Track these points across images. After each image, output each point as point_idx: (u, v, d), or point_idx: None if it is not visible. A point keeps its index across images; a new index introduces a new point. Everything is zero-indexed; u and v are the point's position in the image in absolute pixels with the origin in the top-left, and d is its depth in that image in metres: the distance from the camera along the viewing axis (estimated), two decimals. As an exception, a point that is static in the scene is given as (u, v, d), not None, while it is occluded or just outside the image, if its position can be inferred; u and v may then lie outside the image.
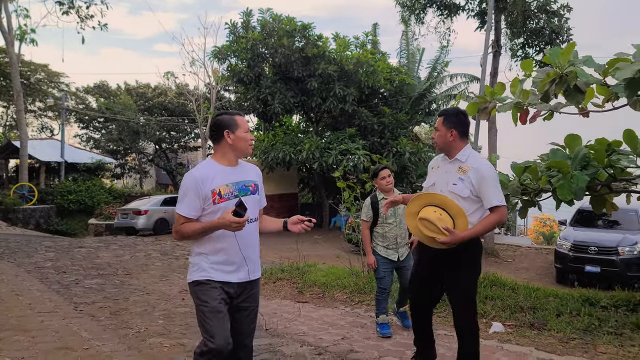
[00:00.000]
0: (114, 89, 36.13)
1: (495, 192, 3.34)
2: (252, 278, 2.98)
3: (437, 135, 3.54)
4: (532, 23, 15.39)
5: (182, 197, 2.84)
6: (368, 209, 5.16)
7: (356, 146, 17.28)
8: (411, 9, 15.05)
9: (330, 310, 6.27)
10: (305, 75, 18.38)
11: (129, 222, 18.84)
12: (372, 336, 5.07)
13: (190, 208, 2.82)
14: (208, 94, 29.86)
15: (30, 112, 33.76)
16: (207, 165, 2.94)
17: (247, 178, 2.99)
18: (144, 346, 4.80)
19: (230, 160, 2.95)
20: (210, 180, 2.83)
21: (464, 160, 3.46)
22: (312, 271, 8.05)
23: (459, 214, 3.28)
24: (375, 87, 19.17)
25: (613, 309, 5.51)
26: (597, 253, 11.52)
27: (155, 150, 36.64)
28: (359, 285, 6.93)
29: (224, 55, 19.11)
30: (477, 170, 3.38)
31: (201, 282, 2.83)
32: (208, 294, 2.81)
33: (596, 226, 13.02)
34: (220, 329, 2.76)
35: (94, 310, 6.27)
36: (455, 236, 3.22)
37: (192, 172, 2.89)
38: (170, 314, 6.17)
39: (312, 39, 18.42)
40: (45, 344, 4.70)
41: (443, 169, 3.57)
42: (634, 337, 4.68)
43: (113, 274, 9.27)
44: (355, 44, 19.99)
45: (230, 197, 2.86)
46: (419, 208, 3.40)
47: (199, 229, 2.80)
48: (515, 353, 4.43)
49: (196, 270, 2.87)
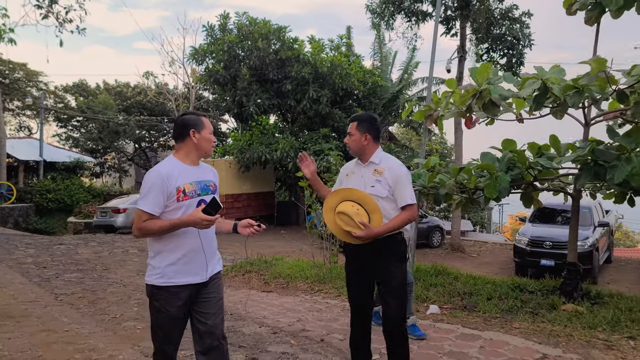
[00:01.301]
0: (93, 88, 36.28)
1: (409, 191, 3.46)
2: (213, 273, 3.00)
3: (352, 140, 3.57)
4: (495, 29, 16.17)
5: (146, 193, 2.79)
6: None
7: (329, 146, 17.90)
8: (380, 15, 15.70)
9: (291, 298, 6.90)
10: (281, 78, 18.96)
11: (107, 221, 19.18)
12: (324, 318, 5.70)
13: (155, 205, 2.77)
14: (187, 93, 30.28)
15: (9, 111, 33.69)
16: (171, 162, 2.93)
17: (207, 178, 3.03)
18: (119, 329, 5.38)
19: (192, 160, 2.97)
20: (175, 178, 2.83)
21: (377, 162, 3.54)
22: (278, 264, 8.67)
23: (375, 210, 3.36)
24: (349, 89, 19.80)
25: (538, 293, 6.23)
26: (551, 247, 12.24)
27: (134, 149, 36.88)
28: (320, 276, 7.57)
29: (202, 57, 19.61)
30: (392, 169, 3.48)
31: (162, 287, 2.82)
32: (168, 301, 2.82)
33: (553, 222, 13.70)
34: (174, 336, 2.90)
35: (73, 300, 6.82)
36: (370, 231, 3.29)
37: (157, 169, 2.85)
38: (144, 302, 6.71)
39: (287, 42, 19.01)
40: (29, 327, 5.25)
41: (358, 173, 3.60)
42: (546, 315, 5.40)
43: (92, 269, 9.75)
44: (330, 47, 20.69)
45: (194, 196, 2.88)
46: (336, 203, 3.44)
47: (166, 226, 2.77)
48: (444, 329, 5.11)
49: (157, 275, 2.84)
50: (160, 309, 2.83)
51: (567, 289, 6.09)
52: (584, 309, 5.42)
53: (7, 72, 30.76)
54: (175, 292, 2.81)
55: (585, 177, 5.08)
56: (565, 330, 4.88)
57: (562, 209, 13.56)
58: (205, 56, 19.56)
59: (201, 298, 2.92)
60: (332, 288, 7.08)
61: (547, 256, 12.13)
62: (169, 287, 2.80)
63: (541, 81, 4.39)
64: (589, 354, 4.29)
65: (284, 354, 4.43)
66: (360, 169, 3.60)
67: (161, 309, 2.82)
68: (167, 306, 2.81)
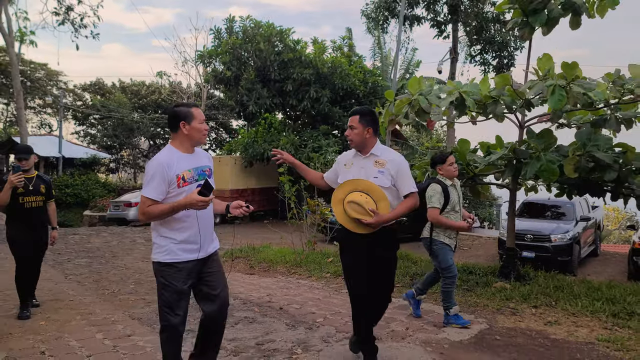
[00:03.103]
0: (110, 86, 37.63)
1: (410, 180, 3.63)
2: (212, 251, 3.30)
3: (354, 132, 3.63)
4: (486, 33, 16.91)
5: (149, 181, 3.02)
6: (440, 195, 4.88)
7: (328, 143, 18.82)
8: (375, 20, 16.53)
9: (269, 279, 7.84)
10: (283, 78, 19.90)
11: (120, 214, 20.28)
12: (290, 294, 6.63)
13: (157, 191, 3.01)
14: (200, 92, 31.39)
15: (30, 109, 35.15)
16: (169, 151, 3.14)
17: (203, 164, 3.25)
18: (115, 300, 6.38)
19: (187, 148, 3.18)
20: (174, 166, 3.06)
21: (379, 154, 3.65)
22: (264, 251, 9.65)
23: (382, 198, 3.50)
24: (349, 89, 20.64)
25: (480, 274, 7.09)
26: (532, 240, 12.96)
27: (149, 145, 38.17)
28: (297, 261, 8.51)
29: (208, 59, 20.65)
30: (394, 161, 3.61)
31: (168, 264, 3.09)
32: (174, 276, 3.08)
33: (536, 217, 14.39)
34: (180, 308, 3.11)
35: (80, 279, 7.86)
36: (380, 217, 3.45)
37: (158, 158, 3.08)
38: (141, 281, 7.73)
39: (289, 44, 19.93)
40: (41, 297, 6.26)
41: (358, 164, 3.68)
42: (477, 290, 6.28)
43: (100, 256, 10.81)
44: (333, 47, 21.57)
45: (192, 181, 3.12)
46: (344, 195, 3.57)
47: (167, 209, 2.99)
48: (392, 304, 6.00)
49: (163, 252, 3.10)
50: (166, 284, 3.10)
51: (505, 271, 6.94)
52: (510, 285, 6.28)
53: (29, 72, 32.11)
54: (179, 268, 3.09)
55: (508, 172, 5.93)
56: (485, 301, 5.77)
57: (547, 204, 14.29)
58: (211, 58, 20.59)
59: (206, 273, 3.24)
60: (306, 271, 8.02)
61: (528, 248, 12.86)
62: (174, 263, 3.09)
63: (459, 93, 5.26)
64: (494, 318, 5.18)
65: (246, 317, 5.38)
66: (359, 160, 3.71)
67: (167, 284, 3.09)
68: (173, 280, 3.08)
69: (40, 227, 5.63)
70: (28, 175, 5.48)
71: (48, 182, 5.75)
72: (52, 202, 5.82)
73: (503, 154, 5.93)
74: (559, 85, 4.80)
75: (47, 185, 5.69)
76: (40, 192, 5.55)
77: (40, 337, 4.71)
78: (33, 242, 5.52)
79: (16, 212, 5.41)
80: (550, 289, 6.02)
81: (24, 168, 5.39)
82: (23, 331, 4.89)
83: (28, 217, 5.45)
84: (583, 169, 5.39)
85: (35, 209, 5.50)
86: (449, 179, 5.02)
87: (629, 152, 5.45)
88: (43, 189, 5.59)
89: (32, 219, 5.48)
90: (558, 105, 4.81)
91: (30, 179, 5.49)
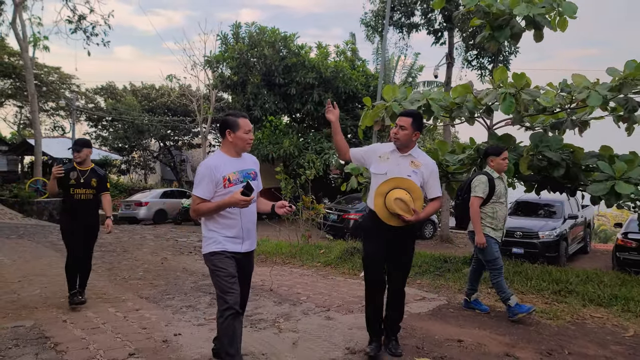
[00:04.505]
0: (121, 89, 38.64)
1: (438, 184, 3.90)
2: (252, 249, 3.63)
3: (404, 133, 3.80)
4: (481, 38, 17.54)
5: (199, 182, 3.39)
6: (485, 185, 5.03)
7: (330, 146, 19.58)
8: (374, 28, 17.26)
9: (265, 267, 8.60)
10: (287, 82, 20.70)
11: (131, 213, 21.15)
12: (281, 279, 7.39)
13: (205, 191, 3.37)
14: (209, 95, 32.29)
15: (44, 112, 36.15)
16: (217, 156, 3.50)
17: (248, 167, 3.56)
18: (125, 284, 7.18)
19: (233, 153, 3.51)
20: (221, 168, 3.39)
21: (416, 156, 3.88)
22: (262, 244, 10.44)
23: (420, 197, 3.76)
24: (351, 93, 21.39)
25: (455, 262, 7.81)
26: (521, 237, 13.61)
27: (159, 147, 39.15)
28: (292, 252, 9.28)
29: (216, 64, 21.51)
30: (427, 165, 3.87)
31: (217, 252, 3.41)
32: (224, 262, 3.39)
33: (528, 215, 15.03)
34: (233, 290, 3.36)
35: (94, 268, 8.57)
36: (417, 216, 3.70)
37: (206, 162, 3.45)
38: (149, 270, 8.52)
39: (293, 49, 20.72)
40: (59, 282, 7.06)
41: (394, 161, 3.85)
42: (447, 275, 7.02)
43: (112, 250, 11.61)
44: (336, 52, 22.35)
45: (237, 183, 3.42)
46: (388, 189, 3.78)
47: (213, 207, 3.36)
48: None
49: (212, 243, 3.45)
50: (217, 270, 3.39)
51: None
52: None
53: (43, 75, 33.11)
54: (227, 256, 3.42)
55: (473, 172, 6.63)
56: (450, 284, 6.50)
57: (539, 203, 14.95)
58: (219, 63, 21.45)
59: (243, 270, 3.56)
60: (299, 261, 8.79)
61: (517, 245, 13.51)
62: (223, 252, 3.42)
63: (426, 100, 6.00)
64: (454, 296, 5.94)
65: (239, 297, 6.15)
66: (396, 157, 3.89)
67: (218, 269, 3.39)
68: (223, 265, 3.38)
69: (88, 219, 5.72)
70: (83, 168, 5.61)
71: (101, 176, 5.78)
72: (107, 194, 5.88)
73: (469, 154, 6.63)
74: (509, 93, 5.53)
75: (100, 179, 5.73)
76: (91, 185, 5.62)
77: (61, 310, 5.51)
78: (80, 232, 5.68)
79: (67, 203, 5.62)
80: (510, 274, 6.73)
81: (77, 160, 5.57)
82: (47, 306, 5.69)
83: (76, 208, 5.58)
84: (535, 167, 6.09)
85: (84, 201, 5.60)
86: (499, 172, 5.17)
87: (576, 152, 6.15)
88: (94, 182, 5.64)
89: (79, 210, 5.60)
90: (508, 110, 5.53)
91: (83, 172, 5.59)
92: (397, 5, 16.93)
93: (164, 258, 10.11)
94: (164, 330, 4.69)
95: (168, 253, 11.30)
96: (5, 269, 8.05)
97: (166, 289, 6.70)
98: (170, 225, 19.81)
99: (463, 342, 4.30)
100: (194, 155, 40.97)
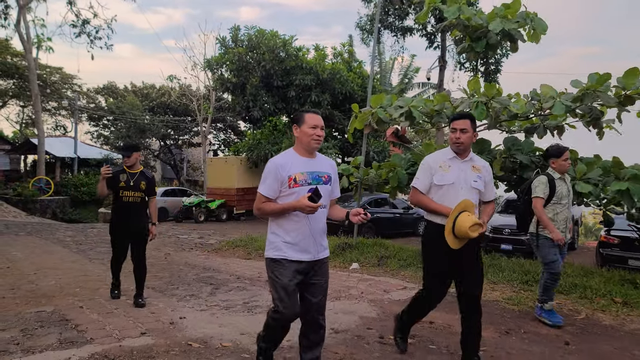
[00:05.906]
0: (122, 89, 39.19)
1: (493, 187, 3.80)
2: (320, 257, 3.29)
3: (466, 136, 3.63)
4: (472, 42, 18.11)
5: (264, 179, 3.21)
6: (545, 186, 4.97)
7: (328, 145, 20.17)
8: (370, 32, 17.85)
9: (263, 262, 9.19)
10: (285, 84, 21.28)
11: (133, 211, 21.63)
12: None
13: (269, 189, 3.18)
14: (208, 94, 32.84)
15: (46, 111, 36.64)
16: (287, 154, 3.29)
17: (321, 169, 3.30)
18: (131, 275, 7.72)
19: (304, 152, 3.27)
20: (288, 167, 3.17)
21: (475, 160, 3.76)
22: (261, 240, 11.01)
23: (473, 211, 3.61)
24: (348, 94, 21.97)
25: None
26: (509, 234, 14.19)
27: (160, 146, 39.70)
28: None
29: (215, 67, 22.10)
30: (486, 168, 3.77)
31: (276, 260, 3.19)
32: (281, 272, 3.16)
33: (516, 213, 15.56)
34: (288, 301, 3.14)
35: (103, 262, 9.24)
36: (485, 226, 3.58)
37: (274, 159, 3.26)
38: (154, 264, 9.09)
39: (291, 52, 21.30)
40: (72, 273, 7.66)
41: (457, 167, 3.67)
42: (428, 269, 7.58)
43: (117, 245, 12.22)
44: (333, 54, 22.95)
45: (304, 184, 3.19)
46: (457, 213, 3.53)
47: (278, 209, 3.16)
48: (355, 277, 7.35)
49: (273, 249, 3.23)
50: (274, 279, 3.20)
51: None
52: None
53: (45, 75, 33.62)
54: (286, 265, 3.16)
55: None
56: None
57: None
58: (218, 65, 22.03)
59: (311, 280, 3.27)
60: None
61: (506, 241, 14.08)
62: (281, 260, 3.18)
63: (408, 107, 6.58)
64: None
65: (238, 287, 6.75)
66: (458, 163, 3.70)
67: (275, 279, 3.20)
68: (280, 276, 3.17)
69: (136, 221, 5.75)
70: (132, 171, 5.73)
71: (150, 180, 5.85)
72: (154, 199, 5.95)
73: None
74: (480, 101, 6.11)
75: (149, 182, 5.80)
76: (140, 188, 5.69)
77: (77, 298, 6.09)
78: (127, 234, 5.80)
79: (116, 205, 5.75)
80: (485, 266, 7.32)
81: (127, 164, 5.72)
82: (63, 295, 6.27)
83: (124, 210, 5.69)
84: (507, 168, 6.68)
85: (132, 203, 5.67)
86: (561, 172, 5.08)
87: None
88: (143, 185, 5.72)
89: (127, 212, 5.69)
90: (480, 116, 6.10)
91: (132, 175, 5.70)
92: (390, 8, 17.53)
93: (167, 253, 10.69)
94: (170, 314, 5.28)
95: (170, 249, 11.89)
96: (20, 263, 8.64)
97: (170, 280, 7.27)
98: (171, 223, 20.38)
99: (434, 324, 4.90)
100: (194, 154, 41.57)
